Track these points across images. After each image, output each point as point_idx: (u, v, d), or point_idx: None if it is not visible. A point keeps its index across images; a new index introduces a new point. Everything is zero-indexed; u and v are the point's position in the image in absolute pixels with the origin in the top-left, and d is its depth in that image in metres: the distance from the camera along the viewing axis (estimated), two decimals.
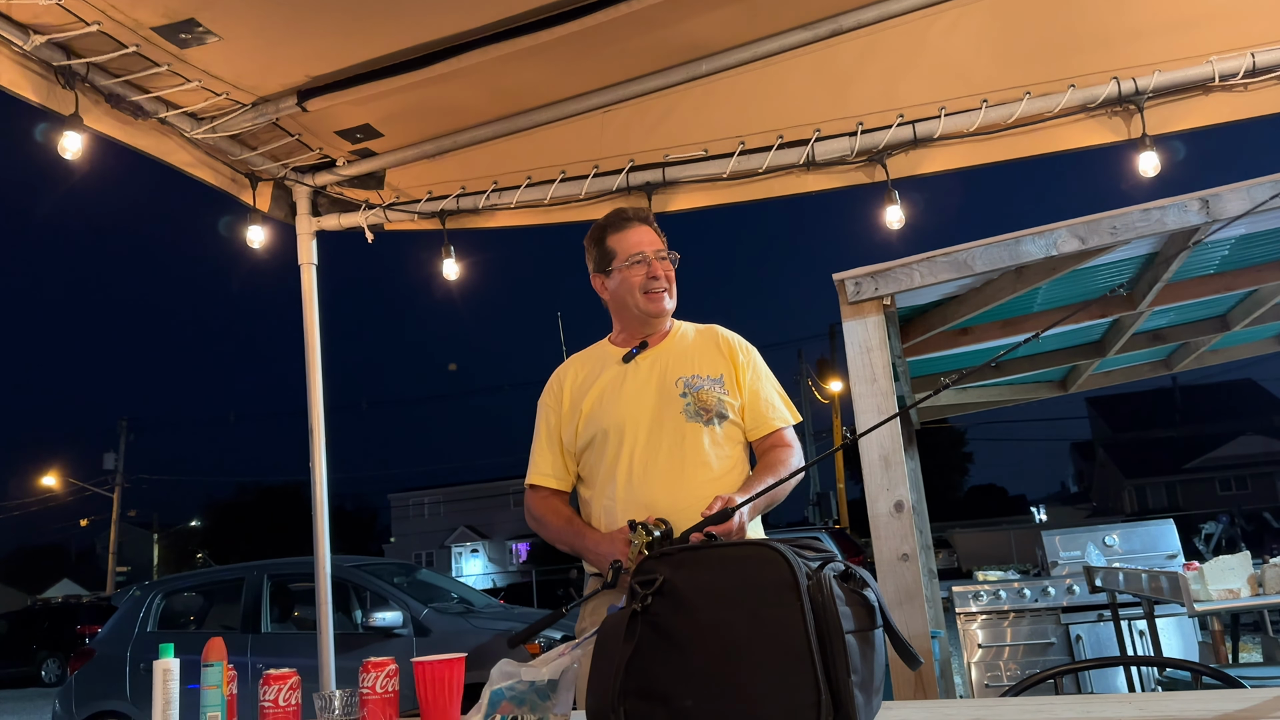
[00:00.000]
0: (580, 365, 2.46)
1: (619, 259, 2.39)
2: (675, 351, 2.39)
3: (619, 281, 2.39)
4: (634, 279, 2.36)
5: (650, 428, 2.28)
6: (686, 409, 2.28)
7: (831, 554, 1.50)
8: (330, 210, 4.07)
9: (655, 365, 2.36)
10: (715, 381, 2.33)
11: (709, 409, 2.29)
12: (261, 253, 3.87)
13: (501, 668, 1.37)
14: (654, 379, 2.34)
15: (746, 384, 2.37)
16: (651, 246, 2.38)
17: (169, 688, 2.03)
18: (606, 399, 2.34)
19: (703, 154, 3.72)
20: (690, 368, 2.34)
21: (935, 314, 3.89)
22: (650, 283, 2.35)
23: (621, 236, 2.40)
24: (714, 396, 2.30)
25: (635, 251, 2.37)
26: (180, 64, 3.09)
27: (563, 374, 2.47)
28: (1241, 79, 3.24)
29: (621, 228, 2.41)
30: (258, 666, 2.07)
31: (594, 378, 2.40)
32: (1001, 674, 5.16)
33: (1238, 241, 3.65)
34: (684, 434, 2.26)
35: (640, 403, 2.31)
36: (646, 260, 2.36)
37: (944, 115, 3.46)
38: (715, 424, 2.29)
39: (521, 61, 3.25)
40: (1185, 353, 5.87)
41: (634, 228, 2.40)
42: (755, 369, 2.41)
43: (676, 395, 2.30)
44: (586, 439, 2.34)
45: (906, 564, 2.93)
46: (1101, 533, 5.63)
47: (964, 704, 1.77)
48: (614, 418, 2.31)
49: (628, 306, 2.39)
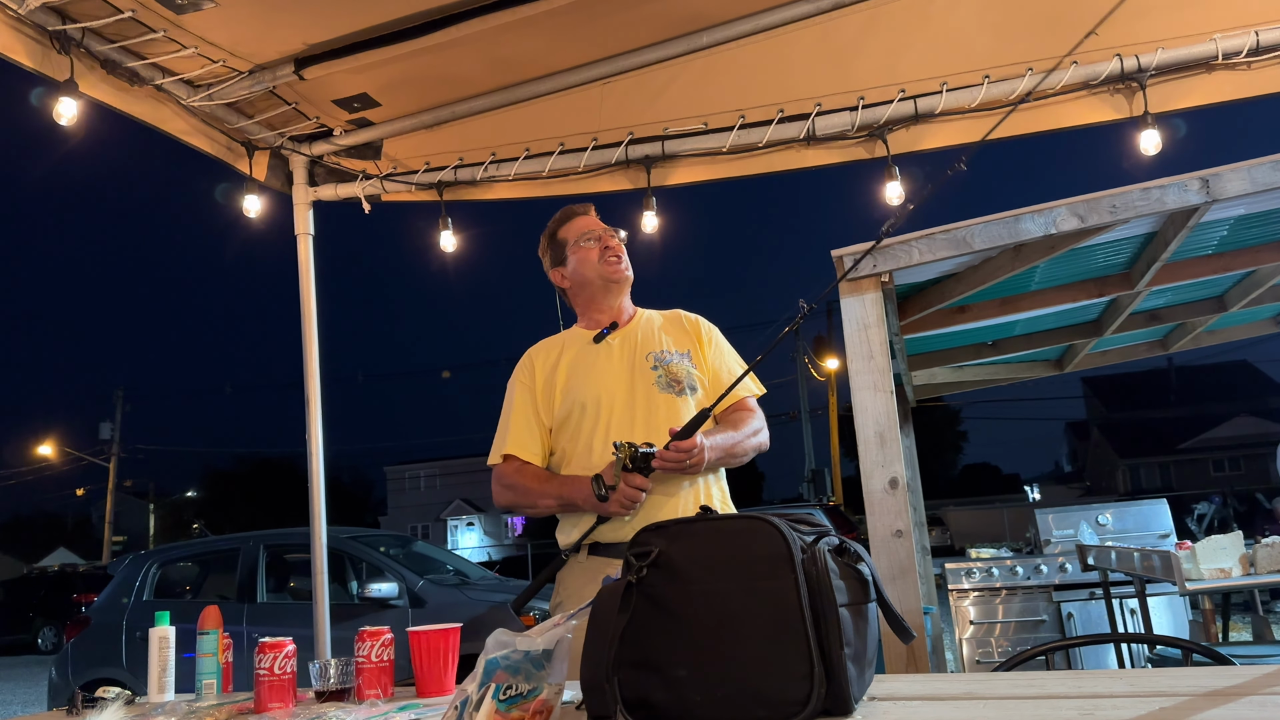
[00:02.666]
0: (550, 347, 2.55)
1: (571, 243, 2.55)
2: (643, 331, 2.51)
3: (576, 262, 2.53)
4: (590, 255, 2.51)
5: (625, 400, 2.37)
6: (659, 380, 2.39)
7: (826, 528, 1.50)
8: (327, 180, 4.05)
9: (626, 343, 2.47)
10: (683, 356, 2.45)
11: (679, 380, 2.40)
12: (258, 222, 3.85)
13: (497, 637, 1.38)
14: (625, 355, 2.44)
15: (710, 359, 2.50)
16: (599, 224, 2.56)
17: (165, 655, 2.04)
18: (580, 374, 2.43)
19: (702, 127, 3.70)
20: (658, 344, 2.47)
21: (933, 292, 3.89)
22: (605, 253, 2.50)
23: (569, 225, 2.58)
24: (683, 369, 2.42)
25: (585, 231, 2.54)
26: (176, 30, 3.05)
27: (533, 355, 2.55)
28: (1245, 57, 3.22)
29: (568, 218, 2.60)
30: (253, 636, 2.08)
31: (565, 356, 2.48)
32: (993, 650, 5.20)
33: (1237, 222, 3.64)
34: (657, 404, 2.36)
35: (614, 377, 2.40)
36: (597, 236, 2.52)
37: (945, 90, 3.44)
38: (687, 394, 2.39)
39: (520, 31, 3.22)
40: (1182, 333, 5.87)
41: (579, 217, 2.59)
42: (718, 345, 2.55)
43: (648, 369, 2.41)
44: (564, 413, 2.39)
45: (900, 540, 2.94)
46: (1095, 511, 5.66)
47: (956, 678, 1.78)
48: (590, 391, 2.39)
49: (590, 282, 2.52)
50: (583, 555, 2.33)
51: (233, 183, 3.82)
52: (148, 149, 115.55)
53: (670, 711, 1.34)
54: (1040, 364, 6.58)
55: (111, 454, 31.82)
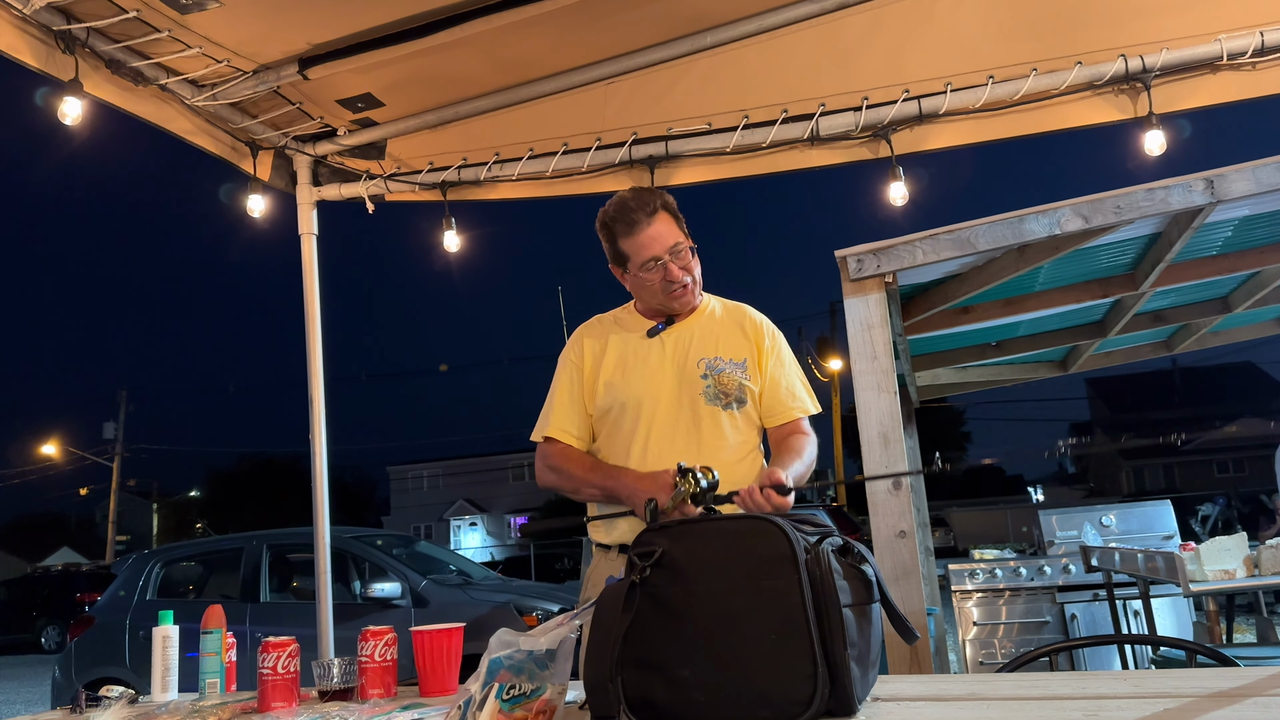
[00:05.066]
0: (600, 329, 2.40)
1: (633, 264, 2.26)
2: (700, 330, 2.33)
3: (636, 284, 2.31)
4: (653, 283, 2.26)
5: (669, 407, 2.24)
6: (706, 391, 2.24)
7: (830, 528, 1.50)
8: (331, 180, 4.05)
9: (679, 343, 2.30)
10: (738, 365, 2.28)
11: (728, 393, 2.25)
12: (262, 222, 3.85)
13: (500, 637, 1.38)
14: (676, 357, 2.29)
15: (768, 369, 2.31)
16: (665, 245, 2.22)
17: (168, 654, 2.04)
18: (627, 370, 2.30)
19: (706, 128, 3.70)
20: (713, 349, 2.29)
21: (936, 292, 3.89)
22: (668, 285, 2.25)
23: (632, 241, 2.24)
24: (735, 380, 2.26)
25: (648, 257, 2.22)
26: (181, 30, 3.06)
27: (582, 334, 2.41)
28: (1250, 58, 3.22)
29: (631, 230, 2.23)
30: (256, 636, 2.08)
31: (616, 346, 2.34)
32: (996, 652, 5.19)
33: (1241, 223, 3.63)
34: (702, 416, 2.23)
35: (660, 380, 2.27)
36: (662, 264, 2.23)
37: (950, 91, 3.43)
38: (734, 408, 2.25)
39: (524, 31, 3.23)
40: (1186, 334, 5.86)
41: (643, 228, 2.22)
42: (779, 355, 2.35)
43: (697, 376, 2.25)
44: (604, 407, 2.30)
45: (903, 541, 2.94)
46: (1098, 513, 5.65)
47: (960, 679, 1.78)
48: (633, 391, 2.27)
49: (651, 301, 2.33)
50: (614, 552, 2.28)
51: (237, 183, 3.83)
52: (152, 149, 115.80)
53: (673, 711, 1.34)
54: (1044, 365, 6.58)
55: (115, 453, 31.86)
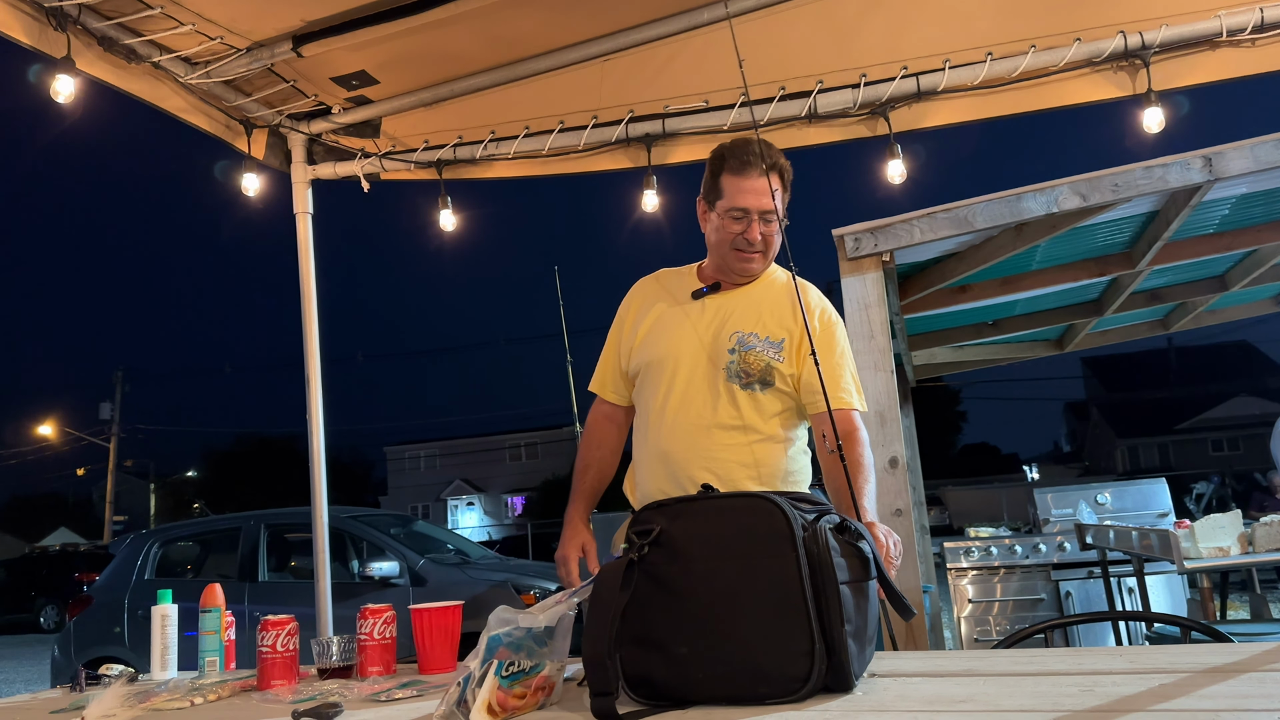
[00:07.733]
0: (657, 285, 2.36)
1: (722, 204, 2.18)
2: (746, 301, 2.22)
3: (715, 226, 2.22)
4: (730, 231, 2.18)
5: (690, 374, 2.17)
6: (729, 367, 2.14)
7: (827, 506, 1.51)
8: (326, 159, 4.03)
9: (720, 311, 2.21)
10: (773, 345, 2.15)
11: (750, 372, 2.13)
12: (257, 201, 3.84)
13: (499, 614, 1.38)
14: (713, 325, 2.19)
15: (810, 355, 2.11)
16: (759, 203, 2.14)
17: (167, 632, 2.05)
18: (663, 330, 2.25)
19: (703, 105, 3.68)
20: (752, 323, 2.18)
21: (934, 271, 3.88)
22: (742, 241, 2.17)
23: (734, 182, 2.16)
24: (762, 360, 2.13)
25: (740, 205, 2.15)
26: (174, 7, 3.03)
27: (636, 288, 2.39)
28: (1249, 34, 3.20)
29: (739, 170, 2.16)
30: (255, 615, 2.08)
31: (662, 302, 2.29)
32: (991, 628, 5.22)
33: (1239, 201, 3.63)
34: (719, 392, 2.14)
35: (690, 344, 2.19)
36: (749, 219, 2.15)
37: (948, 68, 3.41)
38: (755, 389, 2.14)
39: (519, 8, 3.20)
40: (1183, 312, 5.87)
41: (750, 176, 2.14)
42: (831, 343, 2.19)
43: (724, 350, 2.15)
44: (637, 366, 2.27)
45: (900, 519, 2.95)
46: (1093, 491, 5.67)
47: (957, 655, 1.79)
48: (658, 352, 2.22)
49: (717, 248, 2.24)
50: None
51: (231, 161, 3.81)
52: (146, 127, 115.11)
53: (672, 688, 1.35)
54: (1040, 344, 6.58)
55: (112, 434, 31.83)
